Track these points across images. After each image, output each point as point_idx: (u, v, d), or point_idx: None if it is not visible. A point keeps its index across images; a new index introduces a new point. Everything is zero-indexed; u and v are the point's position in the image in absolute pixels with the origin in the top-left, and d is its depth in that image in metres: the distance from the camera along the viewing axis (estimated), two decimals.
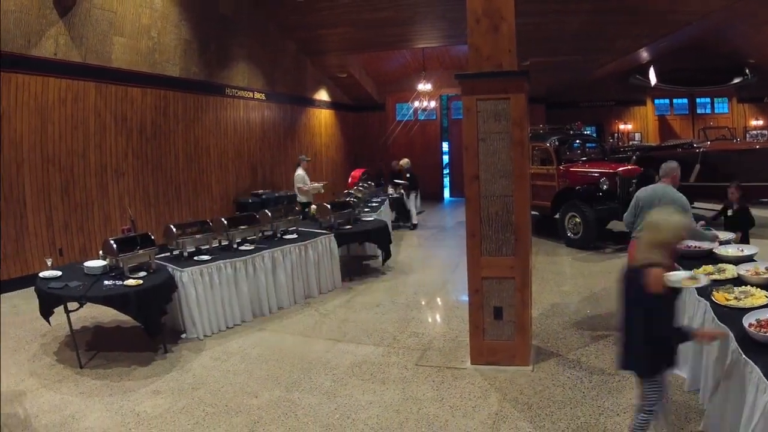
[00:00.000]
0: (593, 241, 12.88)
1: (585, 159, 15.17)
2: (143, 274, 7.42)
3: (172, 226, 8.59)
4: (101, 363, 7.04)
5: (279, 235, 9.92)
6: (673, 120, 25.50)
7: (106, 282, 7.08)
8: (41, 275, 7.41)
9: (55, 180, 11.16)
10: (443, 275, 11.42)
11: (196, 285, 7.85)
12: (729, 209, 8.96)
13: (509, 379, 6.27)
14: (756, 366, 3.98)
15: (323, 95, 22.54)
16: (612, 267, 11.16)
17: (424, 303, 9.65)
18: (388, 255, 11.58)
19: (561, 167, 14.07)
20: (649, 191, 7.23)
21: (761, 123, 23.90)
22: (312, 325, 8.48)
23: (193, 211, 14.91)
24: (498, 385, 6.14)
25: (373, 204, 14.36)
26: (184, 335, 7.87)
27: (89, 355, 7.24)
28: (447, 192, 25.80)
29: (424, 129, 25.42)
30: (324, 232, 10.40)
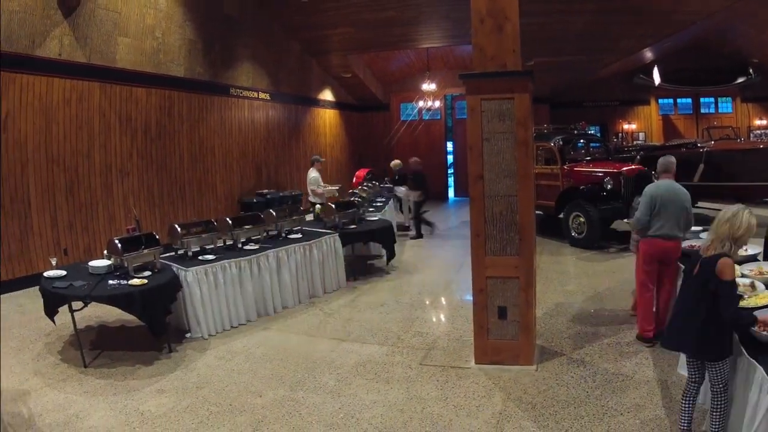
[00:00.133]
0: (597, 241, 12.86)
1: (589, 159, 15.14)
2: (148, 273, 7.43)
3: (176, 225, 8.59)
4: (105, 362, 7.05)
5: (284, 235, 9.93)
6: (677, 120, 25.46)
7: (110, 281, 7.09)
8: (46, 275, 7.42)
9: (60, 180, 11.18)
10: (447, 275, 11.41)
11: (200, 284, 7.86)
12: None
13: (513, 379, 6.27)
14: (760, 366, 3.98)
15: (328, 95, 22.55)
16: (616, 266, 11.17)
17: (428, 302, 9.65)
18: (392, 255, 11.58)
19: (565, 167, 14.05)
20: (663, 188, 6.98)
21: (765, 122, 23.85)
22: (316, 325, 8.48)
23: (198, 211, 14.93)
24: (502, 385, 6.14)
25: (378, 204, 14.36)
26: (188, 334, 7.88)
27: (93, 355, 7.26)
28: (451, 192, 25.76)
29: (428, 129, 25.45)
30: (329, 231, 10.41)
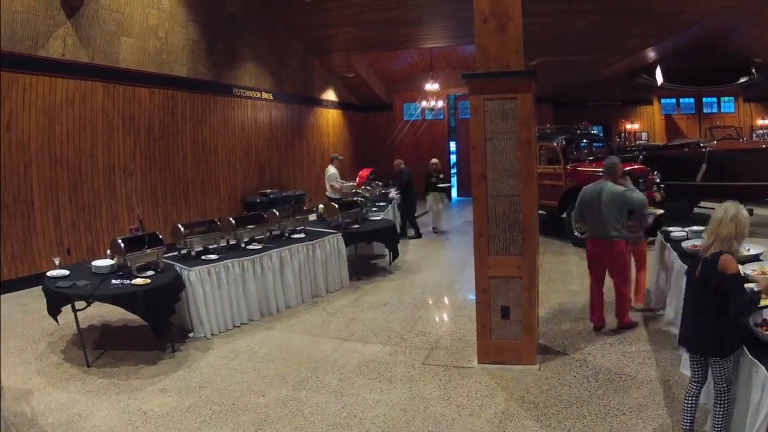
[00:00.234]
0: None
1: (592, 158, 15.13)
2: (151, 273, 7.44)
3: (180, 225, 8.61)
4: (108, 362, 7.07)
5: (287, 235, 9.94)
6: (680, 119, 25.41)
7: (113, 281, 7.11)
8: (49, 274, 7.44)
9: (63, 180, 11.20)
10: (450, 274, 11.42)
11: (203, 284, 7.86)
12: None
13: (516, 378, 6.28)
14: (762, 366, 3.98)
15: (331, 95, 22.57)
16: None
17: (431, 302, 9.65)
18: (395, 254, 11.59)
19: (568, 167, 14.04)
20: (589, 191, 7.53)
21: (767, 122, 23.80)
22: (319, 324, 8.49)
23: (201, 211, 14.95)
24: (505, 384, 6.15)
25: (381, 203, 14.35)
26: (191, 334, 7.88)
27: (96, 354, 7.27)
28: (454, 191, 25.71)
29: (431, 129, 25.45)
30: (332, 231, 10.41)
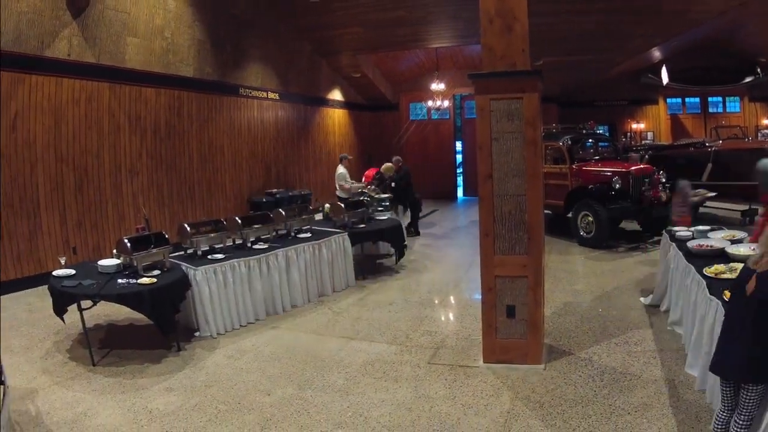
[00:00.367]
0: (606, 240, 12.82)
1: (598, 158, 15.12)
2: (157, 272, 7.46)
3: (186, 224, 8.62)
4: (114, 361, 7.08)
5: (293, 234, 9.95)
6: (686, 119, 25.36)
7: (119, 280, 7.13)
8: (55, 274, 7.45)
9: (69, 179, 11.23)
10: (456, 274, 11.42)
11: (209, 283, 7.88)
12: None
13: (521, 378, 6.28)
14: None
15: (337, 95, 22.56)
16: (624, 266, 11.15)
17: (437, 301, 9.66)
18: (401, 254, 11.59)
19: (574, 166, 14.02)
20: None
21: None
22: (325, 324, 8.50)
23: (207, 210, 14.96)
24: (510, 384, 6.15)
25: (387, 203, 14.33)
26: (197, 333, 7.90)
27: (102, 353, 7.29)
28: (460, 191, 25.73)
29: (437, 128, 25.41)
30: (338, 231, 10.42)
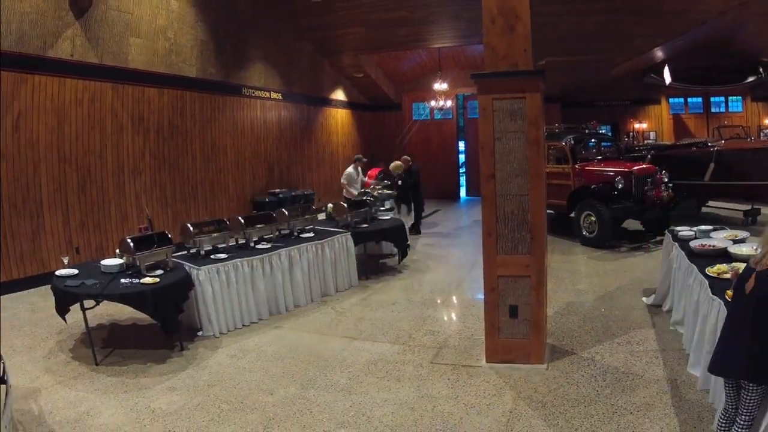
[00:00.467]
0: (608, 240, 12.81)
1: (600, 158, 15.13)
2: (160, 272, 7.46)
3: (189, 224, 8.63)
4: (117, 360, 7.10)
5: (296, 234, 9.96)
6: (688, 119, 25.32)
7: (122, 280, 7.14)
8: (58, 273, 7.47)
9: (72, 179, 11.25)
10: (459, 274, 11.43)
11: (212, 283, 7.89)
12: None
13: (524, 377, 6.28)
14: None
15: (340, 95, 22.57)
16: (627, 266, 11.15)
17: (440, 301, 9.66)
18: (404, 254, 11.59)
19: (576, 166, 14.02)
20: None
21: None
22: (328, 323, 8.51)
23: (210, 210, 14.98)
24: (513, 383, 6.15)
25: (390, 201, 14.34)
26: (200, 333, 7.91)
27: (105, 353, 7.30)
28: (463, 191, 25.74)
29: (440, 128, 25.42)
30: (341, 230, 10.42)
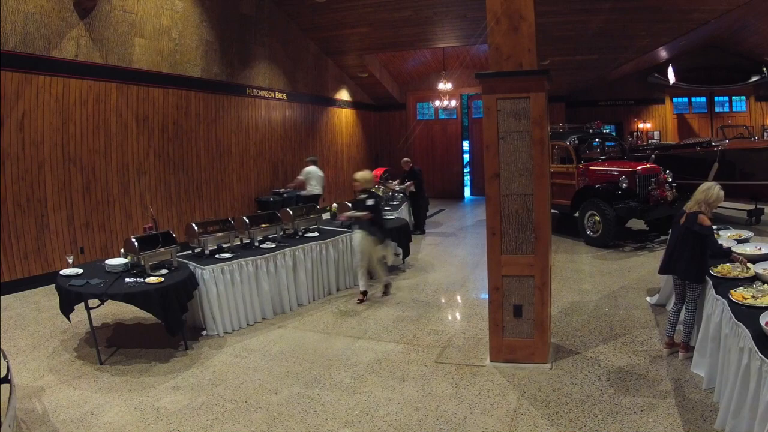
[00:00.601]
0: (612, 240, 12.82)
1: (604, 158, 15.14)
2: (165, 271, 7.49)
3: (193, 224, 8.64)
4: (121, 359, 7.11)
5: (300, 234, 9.97)
6: (692, 118, 25.29)
7: (127, 279, 7.15)
8: (62, 273, 7.49)
9: (77, 179, 11.28)
10: (463, 273, 11.42)
11: (217, 282, 7.91)
12: None
13: (528, 377, 6.28)
14: None
15: (344, 95, 22.59)
16: (631, 265, 11.14)
17: (444, 301, 9.66)
18: (407, 253, 11.58)
19: (580, 166, 14.02)
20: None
21: None
22: (332, 323, 8.51)
23: (215, 210, 15.02)
24: (516, 383, 6.15)
25: (394, 203, 14.36)
26: (204, 332, 7.93)
27: (109, 352, 7.32)
28: (467, 190, 25.77)
29: (444, 128, 25.45)
30: (345, 230, 10.43)
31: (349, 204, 11.04)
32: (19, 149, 10.27)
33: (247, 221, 9.21)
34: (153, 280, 7.07)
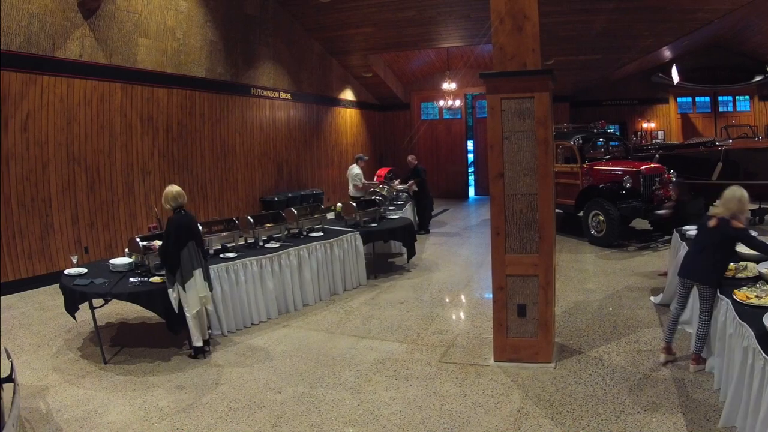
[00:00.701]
0: (616, 239, 12.81)
1: (608, 157, 15.12)
2: None
3: (198, 224, 8.63)
4: (125, 359, 7.13)
5: (305, 233, 9.98)
6: (696, 118, 25.24)
7: (131, 279, 7.18)
8: (66, 272, 7.51)
9: (81, 179, 11.30)
10: (467, 273, 11.42)
11: (221, 282, 7.92)
12: None
13: (532, 376, 6.28)
14: None
15: (349, 95, 22.59)
16: (635, 265, 11.13)
17: (448, 300, 9.66)
18: (413, 252, 11.60)
19: (585, 165, 14.01)
20: None
21: None
22: (336, 322, 8.52)
23: (219, 210, 15.04)
24: (520, 382, 6.15)
25: (399, 202, 14.35)
26: (209, 331, 7.91)
27: (113, 351, 7.33)
28: (472, 190, 25.74)
29: (449, 128, 25.44)
30: (350, 230, 10.43)
31: (354, 204, 11.08)
32: (24, 149, 10.29)
33: (252, 221, 9.22)
34: (157, 279, 7.09)
